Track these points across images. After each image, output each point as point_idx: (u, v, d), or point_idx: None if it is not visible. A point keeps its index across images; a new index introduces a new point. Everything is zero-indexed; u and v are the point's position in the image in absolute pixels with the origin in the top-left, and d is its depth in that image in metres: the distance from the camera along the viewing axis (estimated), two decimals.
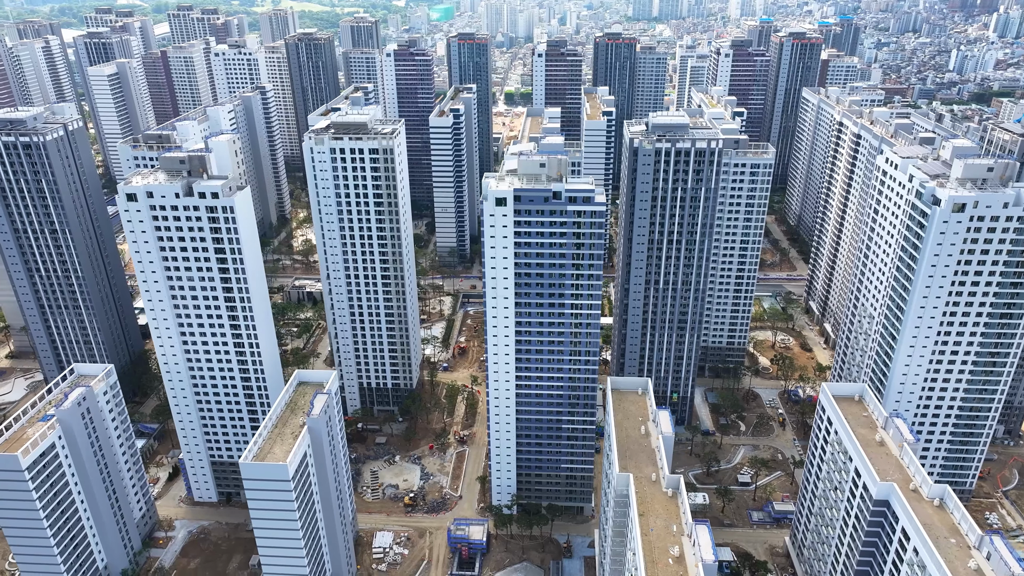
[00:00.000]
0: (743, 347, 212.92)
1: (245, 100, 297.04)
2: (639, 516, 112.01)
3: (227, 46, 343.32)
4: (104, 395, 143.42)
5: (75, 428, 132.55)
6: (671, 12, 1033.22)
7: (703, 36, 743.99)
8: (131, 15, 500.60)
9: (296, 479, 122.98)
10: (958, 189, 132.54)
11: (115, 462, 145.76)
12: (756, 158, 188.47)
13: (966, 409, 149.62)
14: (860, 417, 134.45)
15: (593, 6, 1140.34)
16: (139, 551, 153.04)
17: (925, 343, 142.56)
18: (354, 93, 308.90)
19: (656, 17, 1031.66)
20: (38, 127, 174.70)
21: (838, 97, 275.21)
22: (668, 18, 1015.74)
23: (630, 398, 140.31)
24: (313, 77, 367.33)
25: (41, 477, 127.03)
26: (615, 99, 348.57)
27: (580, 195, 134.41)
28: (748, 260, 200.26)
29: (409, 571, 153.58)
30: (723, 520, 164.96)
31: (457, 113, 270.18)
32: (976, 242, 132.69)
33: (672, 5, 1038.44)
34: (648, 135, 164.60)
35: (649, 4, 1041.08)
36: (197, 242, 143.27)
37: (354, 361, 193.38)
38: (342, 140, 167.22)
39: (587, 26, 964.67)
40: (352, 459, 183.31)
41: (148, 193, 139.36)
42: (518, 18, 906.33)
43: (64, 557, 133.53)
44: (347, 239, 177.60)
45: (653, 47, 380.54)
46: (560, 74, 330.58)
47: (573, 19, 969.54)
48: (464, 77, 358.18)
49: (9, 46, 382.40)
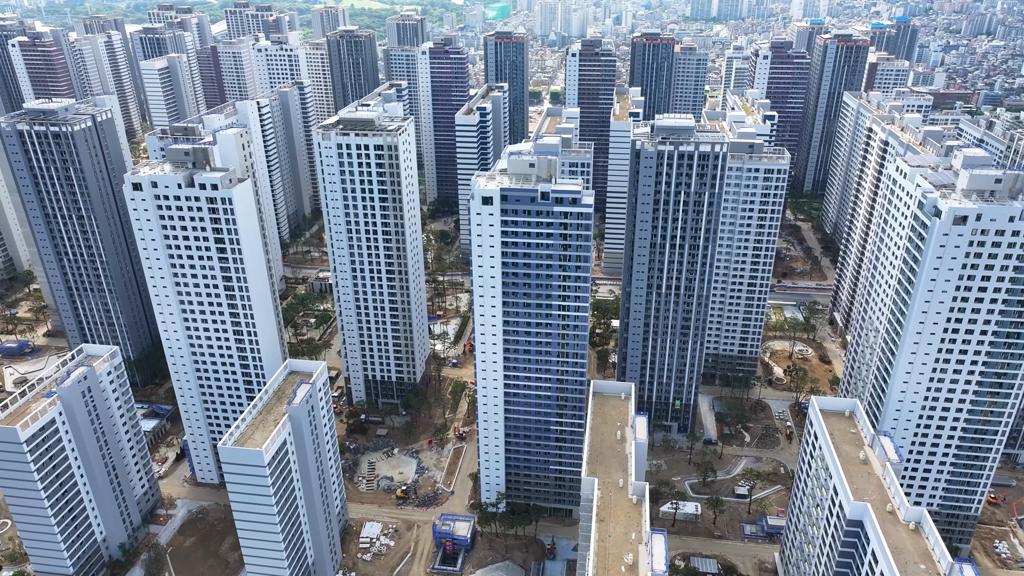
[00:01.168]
0: (755, 356, 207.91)
1: (282, 95, 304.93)
2: (599, 521, 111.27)
3: (269, 42, 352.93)
4: (108, 375, 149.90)
5: (75, 405, 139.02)
6: (731, 12, 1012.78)
7: (760, 37, 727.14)
8: (190, 12, 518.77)
9: (273, 465, 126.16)
10: (962, 201, 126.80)
11: (116, 440, 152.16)
12: (770, 163, 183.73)
13: (970, 431, 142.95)
14: (848, 433, 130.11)
15: (651, 5, 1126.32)
16: (138, 526, 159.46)
17: (925, 360, 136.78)
18: (387, 90, 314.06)
19: (715, 17, 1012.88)
20: (68, 118, 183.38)
21: (879, 102, 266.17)
22: (727, 18, 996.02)
23: (612, 402, 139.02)
24: (353, 73, 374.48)
25: (40, 450, 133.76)
26: (646, 100, 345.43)
27: (567, 196, 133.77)
28: (761, 267, 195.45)
29: (393, 563, 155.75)
30: (713, 532, 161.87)
31: (484, 111, 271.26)
32: (980, 257, 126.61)
33: (732, 5, 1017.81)
34: (652, 137, 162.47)
35: (708, 4, 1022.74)
36: (198, 231, 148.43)
37: (359, 353, 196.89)
38: (348, 136, 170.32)
39: (643, 25, 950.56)
40: (351, 449, 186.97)
41: (152, 183, 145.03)
42: (572, 17, 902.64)
43: (62, 528, 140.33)
44: (353, 233, 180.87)
45: (693, 48, 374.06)
46: (593, 74, 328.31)
47: (628, 18, 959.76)
48: (500, 75, 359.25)
49: (72, 41, 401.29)
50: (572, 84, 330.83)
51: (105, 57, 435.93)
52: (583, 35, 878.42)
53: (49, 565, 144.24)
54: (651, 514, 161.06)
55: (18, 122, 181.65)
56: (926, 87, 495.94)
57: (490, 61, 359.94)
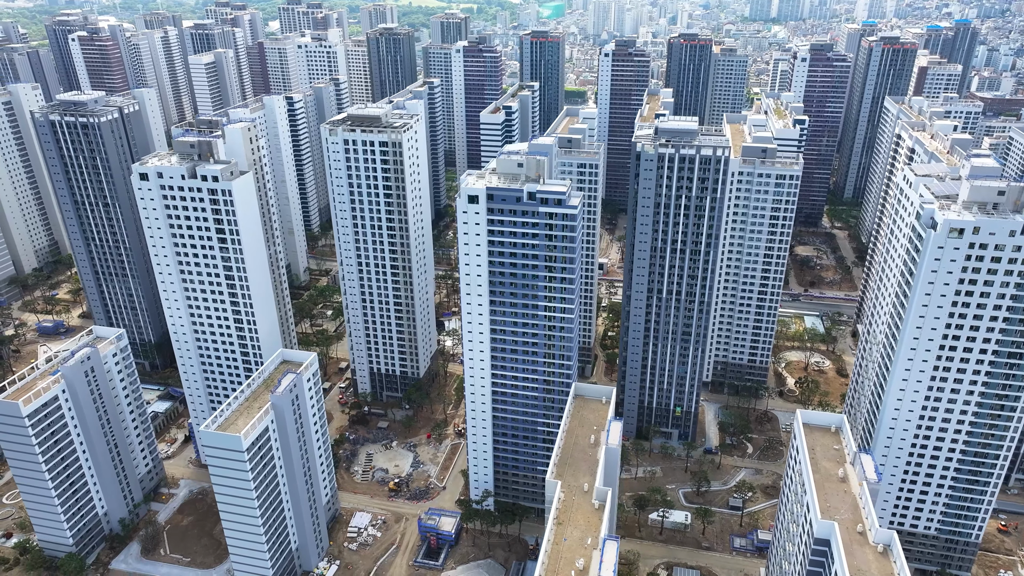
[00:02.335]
0: (765, 366, 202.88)
1: (316, 90, 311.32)
2: (557, 524, 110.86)
3: (310, 39, 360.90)
4: (113, 357, 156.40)
5: (77, 384, 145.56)
6: (791, 13, 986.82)
7: (819, 39, 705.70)
8: (244, 8, 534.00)
9: (253, 451, 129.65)
10: (961, 212, 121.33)
11: (120, 419, 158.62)
12: (783, 169, 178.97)
13: (969, 454, 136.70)
14: (830, 449, 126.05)
15: (709, 5, 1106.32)
16: (139, 503, 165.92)
17: (920, 376, 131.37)
18: (419, 87, 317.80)
19: (775, 18, 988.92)
20: (96, 110, 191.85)
21: (921, 107, 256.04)
22: (787, 19, 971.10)
23: (592, 406, 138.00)
24: (392, 70, 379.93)
25: (42, 425, 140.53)
26: (682, 102, 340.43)
27: (552, 197, 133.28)
28: (772, 275, 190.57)
29: (378, 553, 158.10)
30: (702, 543, 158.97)
31: (509, 110, 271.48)
32: (978, 272, 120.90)
33: (793, 6, 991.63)
34: (654, 139, 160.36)
35: (768, 4, 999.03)
36: (200, 221, 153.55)
37: (365, 346, 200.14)
38: (355, 132, 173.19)
39: (699, 25, 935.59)
40: (351, 439, 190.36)
41: (158, 174, 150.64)
42: (625, 16, 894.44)
43: (62, 500, 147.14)
44: (358, 228, 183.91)
45: (733, 49, 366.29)
46: (626, 75, 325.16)
47: (684, 18, 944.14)
48: (536, 74, 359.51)
49: (128, 36, 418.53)
50: (604, 84, 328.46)
51: (161, 51, 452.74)
52: (635, 35, 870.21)
53: (51, 535, 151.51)
54: (639, 521, 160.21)
55: (50, 113, 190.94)
56: (991, 93, 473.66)
57: (526, 60, 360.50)
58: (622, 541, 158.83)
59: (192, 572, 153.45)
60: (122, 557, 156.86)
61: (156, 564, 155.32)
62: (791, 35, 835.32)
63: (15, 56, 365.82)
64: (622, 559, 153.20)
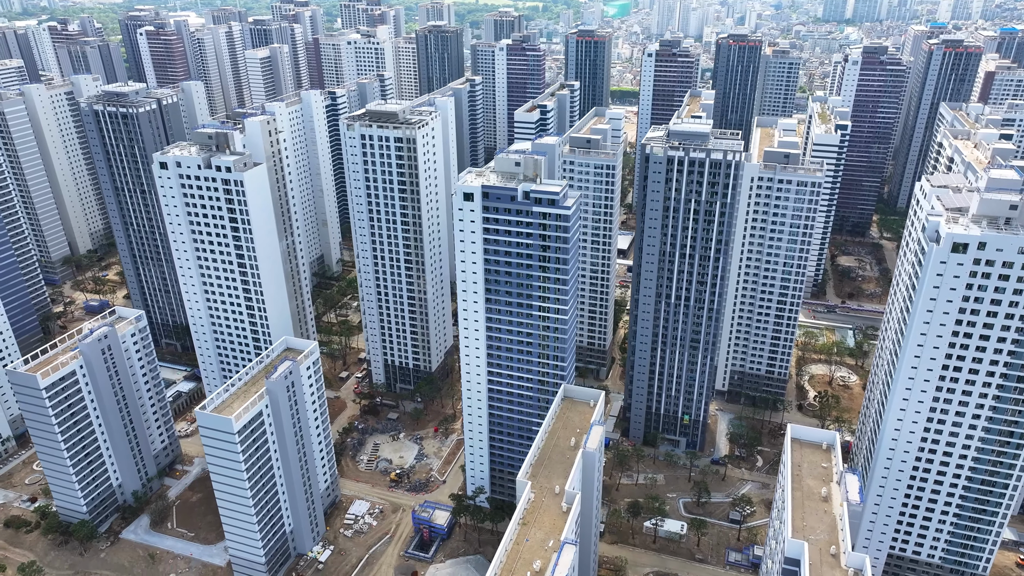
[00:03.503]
0: (784, 378, 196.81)
1: (360, 86, 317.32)
2: (522, 525, 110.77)
3: (359, 35, 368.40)
4: (132, 337, 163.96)
5: (94, 360, 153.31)
6: (868, 14, 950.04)
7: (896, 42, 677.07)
8: (306, 5, 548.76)
9: (245, 434, 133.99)
10: (969, 226, 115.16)
11: (136, 396, 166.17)
12: (805, 176, 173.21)
13: (975, 482, 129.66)
14: (818, 467, 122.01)
15: (781, 5, 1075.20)
16: (153, 477, 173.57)
17: (922, 397, 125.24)
18: (461, 84, 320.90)
19: (849, 19, 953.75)
20: (136, 101, 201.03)
21: (979, 115, 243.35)
22: (863, 20, 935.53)
23: (579, 408, 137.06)
24: (439, 67, 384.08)
25: (59, 398, 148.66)
26: (728, 103, 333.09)
27: (546, 197, 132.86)
28: (792, 284, 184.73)
29: (371, 541, 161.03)
30: (695, 554, 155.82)
31: (545, 109, 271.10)
32: (984, 291, 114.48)
33: (870, 7, 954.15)
34: (666, 142, 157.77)
35: (843, 5, 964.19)
36: (214, 209, 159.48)
37: (379, 338, 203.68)
38: (371, 127, 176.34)
39: (767, 26, 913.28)
40: (359, 429, 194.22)
41: (177, 163, 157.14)
42: (690, 16, 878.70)
43: (77, 470, 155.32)
44: (374, 222, 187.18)
45: (786, 51, 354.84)
46: (670, 75, 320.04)
47: (753, 19, 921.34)
48: (580, 73, 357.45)
49: (193, 31, 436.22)
50: (647, 84, 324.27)
51: (224, 45, 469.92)
52: (700, 35, 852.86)
53: (67, 502, 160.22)
54: (632, 528, 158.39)
55: (95, 103, 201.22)
56: None
57: (570, 59, 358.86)
58: (613, 547, 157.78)
59: (194, 547, 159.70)
60: (132, 528, 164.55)
61: (162, 537, 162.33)
62: (865, 37, 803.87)
63: (87, 49, 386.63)
64: (610, 564, 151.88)
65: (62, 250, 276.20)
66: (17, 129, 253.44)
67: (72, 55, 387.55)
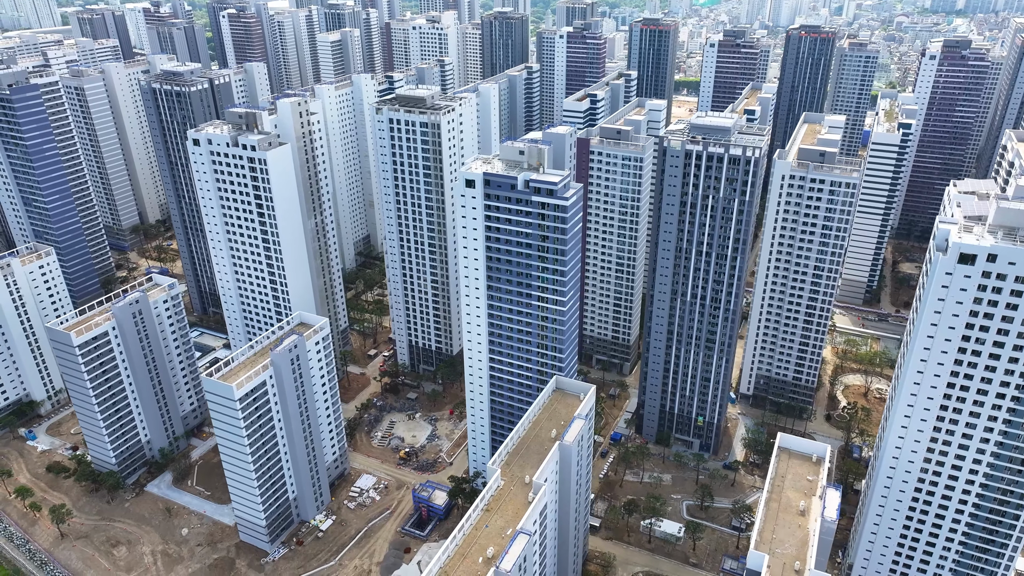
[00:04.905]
0: (811, 385, 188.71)
1: (419, 71, 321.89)
2: (485, 511, 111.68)
3: (424, 20, 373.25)
4: (164, 303, 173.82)
5: (126, 323, 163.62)
6: (981, 5, 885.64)
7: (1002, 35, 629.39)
8: None
9: (247, 402, 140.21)
10: (983, 236, 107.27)
11: (166, 359, 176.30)
12: (838, 176, 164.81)
13: (984, 509, 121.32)
14: (803, 480, 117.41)
15: None
16: (180, 437, 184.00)
17: (925, 415, 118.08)
18: (518, 71, 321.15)
19: (961, 10, 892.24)
20: (190, 80, 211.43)
21: None
22: (976, 11, 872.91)
23: (568, 401, 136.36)
24: (503, 53, 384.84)
25: (91, 356, 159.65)
26: (794, 97, 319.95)
27: (544, 187, 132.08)
28: (823, 289, 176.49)
29: (372, 515, 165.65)
30: (690, 558, 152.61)
31: (595, 99, 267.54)
32: (994, 306, 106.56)
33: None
34: (687, 135, 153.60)
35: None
36: (240, 186, 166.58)
37: (404, 319, 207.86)
38: (399, 111, 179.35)
39: (866, 16, 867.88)
40: (378, 406, 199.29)
41: (208, 140, 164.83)
42: (782, 5, 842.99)
43: (107, 424, 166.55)
44: (400, 205, 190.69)
45: (864, 44, 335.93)
46: (732, 67, 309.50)
47: (851, 9, 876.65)
48: (643, 63, 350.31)
49: (271, 14, 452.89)
50: (708, 76, 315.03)
51: (304, 28, 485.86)
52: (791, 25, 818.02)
53: (99, 453, 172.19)
54: (628, 526, 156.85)
55: (153, 81, 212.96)
56: None
57: (633, 48, 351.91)
58: (607, 543, 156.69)
59: (209, 505, 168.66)
60: (156, 482, 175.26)
61: (181, 493, 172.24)
62: (976, 29, 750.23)
63: (173, 30, 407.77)
64: (600, 560, 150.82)
65: (132, 219, 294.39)
66: (95, 105, 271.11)
67: (160, 36, 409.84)
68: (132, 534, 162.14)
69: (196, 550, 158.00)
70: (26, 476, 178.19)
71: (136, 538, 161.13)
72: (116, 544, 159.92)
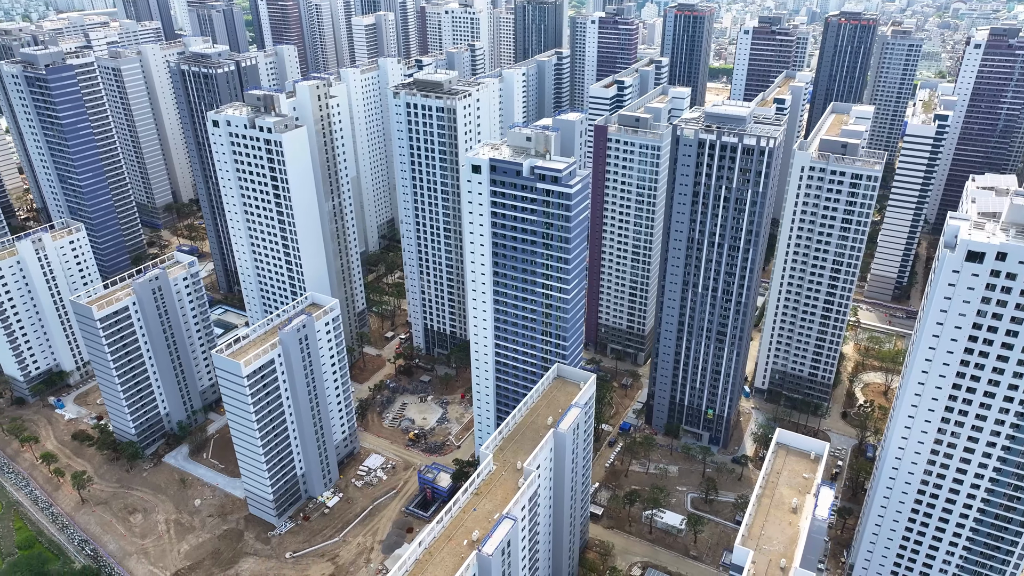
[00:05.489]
0: (827, 382, 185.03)
1: (449, 55, 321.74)
2: (475, 495, 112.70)
3: (457, 4, 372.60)
4: (184, 281, 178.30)
5: (145, 299, 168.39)
6: None
7: None
8: None
9: (255, 379, 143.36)
10: (994, 234, 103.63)
11: (183, 334, 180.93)
12: (859, 168, 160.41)
13: (989, 515, 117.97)
14: (799, 477, 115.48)
15: None
16: (198, 411, 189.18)
17: (929, 417, 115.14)
18: (547, 56, 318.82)
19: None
20: (217, 62, 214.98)
21: None
22: None
23: (568, 389, 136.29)
24: (536, 38, 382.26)
25: (112, 329, 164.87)
26: (829, 87, 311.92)
27: (549, 174, 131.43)
28: (841, 284, 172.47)
29: (377, 495, 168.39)
30: (690, 551, 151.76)
31: (622, 85, 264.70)
32: (1003, 306, 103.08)
33: None
34: (701, 124, 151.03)
35: None
36: (257, 167, 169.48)
37: (420, 303, 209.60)
38: (415, 96, 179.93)
39: (921, 3, 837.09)
40: (391, 387, 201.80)
41: (227, 121, 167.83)
42: None
43: (127, 396, 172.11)
44: (416, 189, 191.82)
45: (907, 31, 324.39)
46: (766, 54, 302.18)
47: None
48: (677, 49, 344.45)
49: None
50: (741, 63, 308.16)
51: (341, 11, 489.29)
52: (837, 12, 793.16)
53: (120, 424, 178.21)
54: (631, 516, 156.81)
55: (181, 63, 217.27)
56: None
57: (667, 34, 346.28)
58: (608, 531, 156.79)
59: (221, 478, 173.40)
60: (173, 454, 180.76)
61: (197, 465, 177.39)
62: None
63: (212, 13, 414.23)
64: (599, 548, 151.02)
65: (166, 198, 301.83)
66: (132, 85, 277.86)
67: (200, 18, 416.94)
68: (148, 502, 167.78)
69: (207, 521, 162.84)
70: (53, 443, 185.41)
71: (152, 506, 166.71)
72: (133, 511, 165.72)
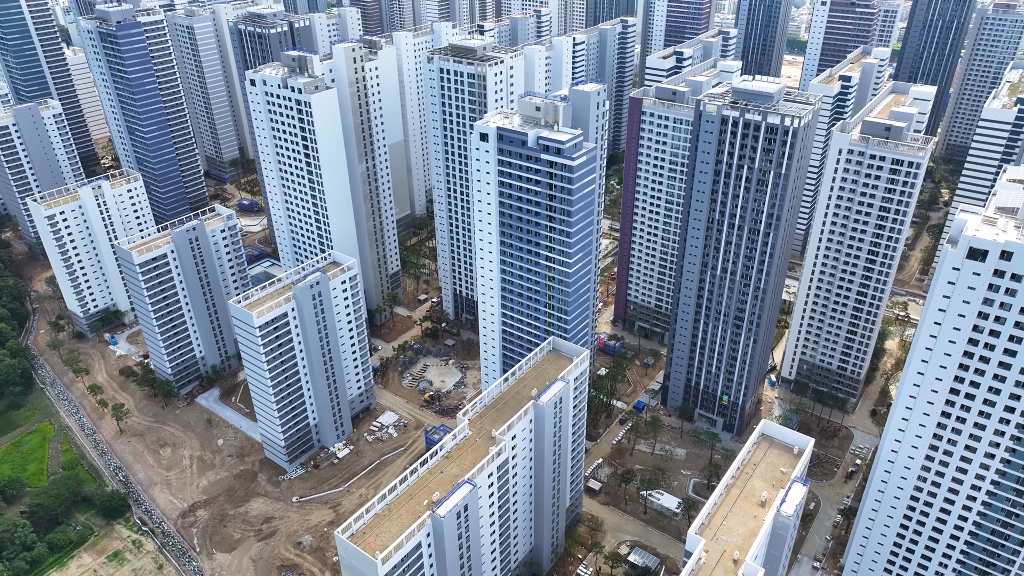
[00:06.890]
0: (857, 377, 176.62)
1: (513, 21, 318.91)
2: (444, 459, 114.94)
3: None
4: (221, 232, 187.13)
5: (182, 246, 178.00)
6: None
7: None
8: None
9: (267, 331, 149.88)
10: (1005, 231, 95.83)
11: (219, 282, 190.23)
12: (901, 153, 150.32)
13: (986, 528, 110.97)
14: (776, 471, 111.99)
15: None
16: (231, 356, 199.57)
17: (924, 421, 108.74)
18: (611, 24, 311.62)
19: None
20: (272, 22, 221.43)
21: None
22: None
23: (560, 363, 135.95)
24: (608, 4, 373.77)
25: (151, 274, 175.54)
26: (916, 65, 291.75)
27: (553, 145, 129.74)
28: (876, 274, 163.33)
29: (385, 450, 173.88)
30: (682, 534, 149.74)
31: (681, 56, 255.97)
32: (1006, 309, 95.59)
33: None
34: (727, 100, 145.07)
35: None
36: (288, 125, 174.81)
37: (450, 268, 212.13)
38: (448, 61, 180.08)
39: None
40: (415, 348, 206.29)
41: (263, 81, 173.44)
42: None
43: (165, 338, 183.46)
44: (448, 155, 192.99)
45: (1013, 5, 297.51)
46: (844, 28, 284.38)
47: None
48: (752, 21, 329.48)
49: None
50: (816, 37, 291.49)
51: None
52: None
53: (159, 363, 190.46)
54: (627, 494, 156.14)
55: (239, 22, 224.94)
56: None
57: (743, 4, 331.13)
58: (603, 508, 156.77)
59: (245, 421, 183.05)
60: (205, 396, 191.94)
61: (224, 408, 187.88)
62: None
63: None
64: (591, 523, 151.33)
65: (232, 152, 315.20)
66: (203, 43, 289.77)
67: None
68: (177, 438, 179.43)
69: (227, 460, 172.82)
70: (103, 376, 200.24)
71: (180, 442, 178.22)
72: (163, 445, 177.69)
